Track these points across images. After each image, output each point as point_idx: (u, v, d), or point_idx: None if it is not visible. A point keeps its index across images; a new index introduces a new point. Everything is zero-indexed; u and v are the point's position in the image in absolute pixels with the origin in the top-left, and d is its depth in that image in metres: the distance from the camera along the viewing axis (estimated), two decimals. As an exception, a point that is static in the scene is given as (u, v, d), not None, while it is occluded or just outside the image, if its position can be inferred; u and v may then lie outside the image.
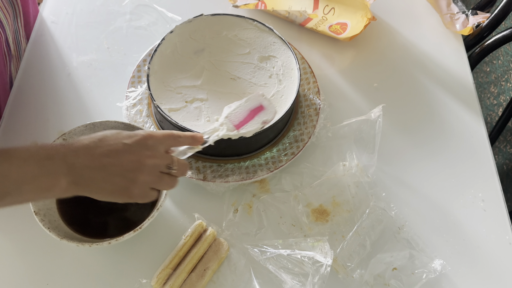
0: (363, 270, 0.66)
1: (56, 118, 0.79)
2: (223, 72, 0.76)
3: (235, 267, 0.66)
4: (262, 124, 0.67)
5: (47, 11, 0.93)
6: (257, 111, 0.68)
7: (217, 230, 0.68)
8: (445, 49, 0.92)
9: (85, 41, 0.89)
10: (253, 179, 0.71)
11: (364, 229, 0.68)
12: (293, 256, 0.64)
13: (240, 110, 0.67)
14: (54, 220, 0.62)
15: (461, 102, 0.85)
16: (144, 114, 0.76)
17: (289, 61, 0.78)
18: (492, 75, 1.26)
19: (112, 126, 0.69)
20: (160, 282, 0.62)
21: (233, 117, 0.66)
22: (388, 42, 0.93)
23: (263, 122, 0.67)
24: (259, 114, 0.68)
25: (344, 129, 0.78)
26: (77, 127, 0.68)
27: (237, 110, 0.67)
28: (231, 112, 0.66)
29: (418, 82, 0.88)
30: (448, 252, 0.69)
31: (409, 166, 0.77)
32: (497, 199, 0.74)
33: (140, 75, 0.80)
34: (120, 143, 0.50)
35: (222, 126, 0.65)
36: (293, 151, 0.74)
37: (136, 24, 0.92)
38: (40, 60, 0.86)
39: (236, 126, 0.65)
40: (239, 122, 0.66)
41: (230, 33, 0.80)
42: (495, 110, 1.25)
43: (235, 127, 0.65)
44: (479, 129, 0.82)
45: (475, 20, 0.91)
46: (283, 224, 0.70)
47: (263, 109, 0.69)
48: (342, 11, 0.87)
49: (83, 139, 0.50)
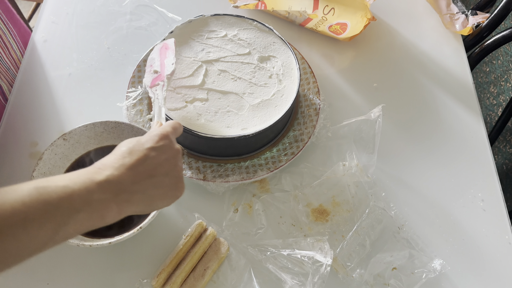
0: (363, 270, 0.66)
1: (56, 118, 0.79)
2: (223, 72, 0.76)
3: (235, 267, 0.66)
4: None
5: (47, 11, 0.93)
6: (165, 51, 0.70)
7: (217, 230, 0.68)
8: (445, 49, 0.92)
9: (85, 41, 0.89)
10: (253, 179, 0.71)
11: (364, 229, 0.68)
12: (293, 256, 0.64)
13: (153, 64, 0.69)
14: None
15: (460, 102, 0.85)
16: (144, 114, 0.76)
17: (289, 61, 0.78)
18: (491, 75, 1.26)
19: (112, 126, 0.69)
20: (160, 282, 0.62)
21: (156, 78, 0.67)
22: (388, 42, 0.93)
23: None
24: (167, 51, 0.70)
25: (344, 129, 0.78)
26: (78, 127, 0.68)
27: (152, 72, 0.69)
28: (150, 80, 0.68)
29: (418, 82, 0.88)
30: (448, 251, 0.69)
31: (408, 166, 0.77)
32: (497, 199, 0.74)
33: (140, 75, 0.80)
34: (146, 149, 0.50)
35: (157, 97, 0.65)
36: (293, 151, 0.74)
37: (136, 24, 0.92)
38: (40, 60, 0.86)
39: (159, 76, 0.67)
40: (160, 71, 0.68)
41: (230, 33, 0.80)
42: (495, 110, 1.25)
43: (161, 80, 0.66)
44: (478, 129, 0.82)
45: (475, 20, 0.91)
46: (283, 224, 0.70)
47: (168, 47, 0.71)
48: (342, 11, 0.87)
49: (107, 161, 0.48)
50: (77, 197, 0.43)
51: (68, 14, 0.93)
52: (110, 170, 0.46)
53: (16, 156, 0.75)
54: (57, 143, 0.66)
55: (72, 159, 0.68)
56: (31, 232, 0.39)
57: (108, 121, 0.69)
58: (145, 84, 0.69)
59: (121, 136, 0.69)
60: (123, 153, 0.49)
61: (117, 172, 0.47)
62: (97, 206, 0.44)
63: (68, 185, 0.43)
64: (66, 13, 0.93)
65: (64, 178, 0.44)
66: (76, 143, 0.68)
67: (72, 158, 0.68)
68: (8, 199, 0.39)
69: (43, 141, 0.76)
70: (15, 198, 0.39)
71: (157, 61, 0.70)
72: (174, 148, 0.53)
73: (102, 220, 0.46)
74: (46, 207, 0.40)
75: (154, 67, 0.70)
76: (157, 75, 0.68)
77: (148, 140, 0.51)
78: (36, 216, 0.40)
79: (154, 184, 0.49)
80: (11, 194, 0.39)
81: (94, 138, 0.69)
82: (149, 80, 0.68)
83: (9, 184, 0.67)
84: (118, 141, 0.69)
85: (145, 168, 0.49)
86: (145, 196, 0.49)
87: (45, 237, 0.41)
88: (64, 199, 0.42)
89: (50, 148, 0.66)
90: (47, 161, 0.65)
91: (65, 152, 0.67)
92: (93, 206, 0.44)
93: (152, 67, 0.70)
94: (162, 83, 0.66)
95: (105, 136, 0.69)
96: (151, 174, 0.49)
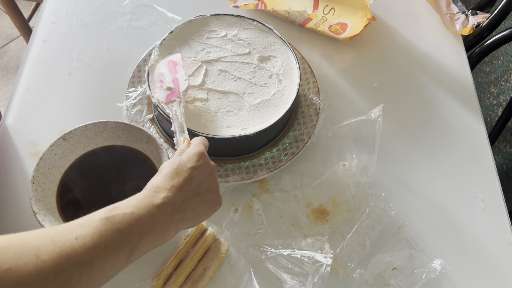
0: (363, 270, 0.66)
1: (56, 118, 0.79)
2: (223, 72, 0.76)
3: (235, 267, 0.66)
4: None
5: (47, 11, 0.93)
6: (174, 66, 0.71)
7: (217, 230, 0.68)
8: (445, 49, 0.92)
9: (85, 41, 0.89)
10: (253, 179, 0.71)
11: (364, 229, 0.68)
12: (293, 256, 0.64)
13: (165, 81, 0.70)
14: (54, 220, 0.62)
15: (461, 102, 0.85)
16: (144, 114, 0.76)
17: (289, 61, 0.78)
18: (492, 75, 1.26)
19: (112, 126, 0.69)
20: (160, 282, 0.62)
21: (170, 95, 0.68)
22: (388, 42, 0.93)
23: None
24: (176, 66, 0.71)
25: (344, 129, 0.78)
26: (78, 127, 0.68)
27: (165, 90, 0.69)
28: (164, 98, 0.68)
29: (418, 82, 0.88)
30: (448, 252, 0.69)
31: (409, 166, 0.77)
32: (497, 199, 0.74)
33: (140, 75, 0.80)
34: (189, 168, 0.53)
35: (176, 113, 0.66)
36: (293, 151, 0.74)
37: (136, 24, 0.92)
38: (40, 60, 0.86)
39: (174, 92, 0.68)
40: (174, 87, 0.69)
41: (230, 33, 0.80)
42: (495, 110, 1.25)
43: (177, 96, 0.67)
44: (479, 129, 0.82)
45: (475, 20, 0.91)
46: (283, 224, 0.70)
47: (176, 62, 0.71)
48: (342, 11, 0.87)
49: (158, 182, 0.52)
50: (143, 222, 0.47)
51: (68, 14, 0.92)
52: (165, 192, 0.50)
53: (16, 156, 0.75)
54: (57, 143, 0.66)
55: (72, 159, 0.68)
56: (110, 259, 0.43)
57: (108, 121, 0.69)
58: (158, 100, 0.68)
59: (121, 136, 0.69)
60: (170, 174, 0.52)
61: (170, 194, 0.51)
62: (160, 228, 0.48)
63: (134, 212, 0.46)
64: (66, 13, 0.93)
65: (128, 205, 0.47)
66: (76, 143, 0.68)
67: (72, 158, 0.68)
68: (88, 232, 0.42)
69: (43, 141, 0.76)
70: (93, 231, 0.42)
71: (167, 77, 0.70)
72: (211, 165, 0.57)
73: (163, 239, 0.50)
74: (120, 235, 0.44)
75: (166, 83, 0.69)
76: (171, 91, 0.68)
77: (189, 160, 0.54)
78: (113, 245, 0.43)
79: (200, 201, 0.54)
80: (88, 227, 0.42)
81: (94, 138, 0.69)
82: (163, 97, 0.68)
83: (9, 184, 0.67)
84: (118, 141, 0.69)
85: (191, 187, 0.53)
86: (194, 212, 0.53)
87: (121, 263, 0.44)
88: (133, 225, 0.46)
89: (50, 148, 0.66)
90: (47, 161, 0.65)
91: (65, 152, 0.67)
92: (156, 228, 0.48)
93: (162, 83, 0.70)
94: (179, 99, 0.67)
95: (105, 136, 0.69)
96: (197, 192, 0.53)
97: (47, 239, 0.40)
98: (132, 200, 0.48)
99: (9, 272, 0.36)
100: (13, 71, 1.93)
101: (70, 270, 0.39)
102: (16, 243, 0.38)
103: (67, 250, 0.39)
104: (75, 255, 0.40)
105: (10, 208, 0.70)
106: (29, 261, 0.37)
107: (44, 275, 0.37)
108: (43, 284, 0.37)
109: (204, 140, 0.59)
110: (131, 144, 0.69)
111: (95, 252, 0.41)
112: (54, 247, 0.39)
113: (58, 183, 0.66)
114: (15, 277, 0.36)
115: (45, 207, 0.62)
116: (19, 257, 0.37)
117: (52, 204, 0.64)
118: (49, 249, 0.39)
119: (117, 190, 0.66)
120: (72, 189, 0.66)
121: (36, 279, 0.37)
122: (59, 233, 0.41)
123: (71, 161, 0.68)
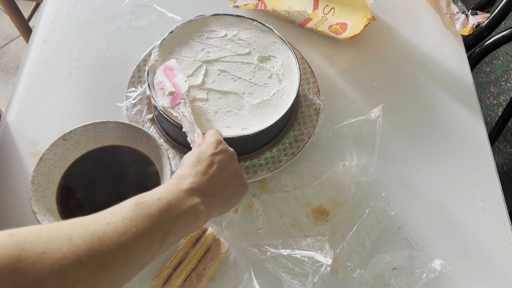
0: (363, 270, 0.66)
1: (56, 118, 0.79)
2: (223, 72, 0.76)
3: (235, 267, 0.66)
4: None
5: (47, 11, 0.93)
6: (170, 72, 0.72)
7: (217, 230, 0.68)
8: (445, 49, 0.92)
9: (85, 41, 0.89)
10: (253, 179, 0.71)
11: (364, 229, 0.68)
12: (293, 256, 0.64)
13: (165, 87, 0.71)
14: (54, 220, 0.62)
15: (461, 102, 0.85)
16: (144, 114, 0.76)
17: (289, 61, 0.78)
18: (492, 75, 1.26)
19: (112, 127, 0.69)
20: (160, 282, 0.62)
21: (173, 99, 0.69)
22: (388, 42, 0.93)
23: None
24: (174, 71, 0.72)
25: (344, 129, 0.78)
26: (78, 127, 0.68)
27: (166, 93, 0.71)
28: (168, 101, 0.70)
29: (418, 82, 0.88)
30: (448, 252, 0.69)
31: (409, 166, 0.77)
32: (497, 199, 0.74)
33: (140, 75, 0.80)
34: (210, 155, 0.55)
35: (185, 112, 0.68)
36: (293, 151, 0.74)
37: (136, 24, 0.92)
38: (40, 60, 0.86)
39: (178, 95, 0.69)
40: (176, 89, 0.70)
41: (230, 33, 0.80)
42: (495, 110, 1.25)
43: (181, 97, 0.69)
44: (479, 129, 0.82)
45: (475, 20, 0.91)
46: (283, 224, 0.70)
47: (172, 67, 0.73)
48: (342, 11, 0.87)
49: (183, 172, 0.53)
50: (173, 206, 0.47)
51: (68, 14, 0.92)
52: (191, 179, 0.52)
53: (16, 156, 0.75)
54: (57, 143, 0.66)
55: (72, 159, 0.68)
56: (144, 243, 0.43)
57: (108, 121, 0.69)
58: (164, 107, 0.69)
59: (121, 136, 0.69)
60: (193, 163, 0.54)
61: (196, 179, 0.52)
62: (191, 212, 0.49)
63: (162, 197, 0.47)
64: (66, 13, 0.93)
65: (156, 192, 0.48)
66: (76, 143, 0.68)
67: (72, 158, 0.68)
68: (119, 218, 0.42)
69: (43, 141, 0.76)
70: (124, 216, 0.43)
71: (167, 83, 0.71)
72: (230, 150, 0.58)
73: (196, 224, 0.50)
74: (151, 219, 0.44)
75: (167, 89, 0.70)
76: (174, 96, 0.70)
77: (208, 148, 0.56)
78: (145, 229, 0.43)
79: (226, 185, 0.55)
80: (118, 214, 0.43)
81: (94, 138, 0.69)
82: (167, 103, 0.70)
83: (9, 184, 0.67)
84: (118, 141, 0.69)
85: (215, 172, 0.54)
86: (222, 196, 0.54)
87: (155, 247, 0.44)
88: (163, 209, 0.46)
89: (50, 148, 0.66)
90: (47, 161, 0.65)
91: (65, 152, 0.67)
92: (187, 212, 0.49)
93: (164, 90, 0.71)
94: (183, 101, 0.68)
95: (105, 136, 0.69)
96: (221, 176, 0.55)
97: (78, 226, 0.40)
98: (160, 188, 0.49)
99: (43, 255, 0.36)
100: (13, 71, 1.93)
101: (103, 254, 0.39)
102: (47, 229, 0.38)
103: (99, 234, 0.40)
104: (108, 239, 0.40)
105: (10, 208, 0.70)
106: (62, 245, 0.37)
107: (77, 258, 0.37)
108: (78, 268, 0.37)
109: (218, 131, 0.61)
110: (131, 144, 0.69)
111: (127, 236, 0.41)
112: (86, 232, 0.39)
113: (58, 183, 0.66)
114: (49, 261, 0.36)
115: (45, 207, 0.62)
116: (53, 241, 0.37)
117: (52, 204, 0.64)
118: (81, 233, 0.39)
119: (117, 190, 0.66)
120: (72, 189, 0.66)
121: (70, 263, 0.37)
122: (89, 220, 0.41)
123: (71, 161, 0.68)
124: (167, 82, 0.71)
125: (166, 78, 0.72)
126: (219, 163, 0.55)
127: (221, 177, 0.55)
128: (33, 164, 0.67)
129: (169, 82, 0.71)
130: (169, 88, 0.70)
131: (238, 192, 0.57)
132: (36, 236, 0.37)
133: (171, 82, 0.71)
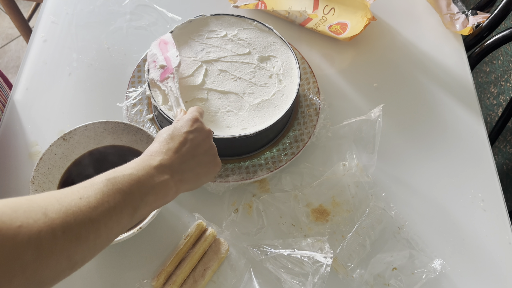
0: (363, 270, 0.66)
1: (56, 118, 0.79)
2: (223, 72, 0.76)
3: (235, 267, 0.66)
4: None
5: (47, 11, 0.93)
6: (165, 45, 0.73)
7: (217, 230, 0.68)
8: (445, 49, 0.92)
9: (85, 41, 0.89)
10: (253, 179, 0.71)
11: (364, 229, 0.68)
12: (293, 256, 0.64)
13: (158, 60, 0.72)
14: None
15: (461, 102, 0.85)
16: (144, 114, 0.76)
17: (289, 61, 0.78)
18: (492, 75, 1.26)
19: (112, 127, 0.69)
20: (160, 282, 0.62)
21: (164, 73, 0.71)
22: (388, 42, 0.93)
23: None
24: (167, 46, 0.73)
25: (344, 129, 0.78)
26: (78, 127, 0.68)
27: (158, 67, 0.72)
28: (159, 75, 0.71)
29: (418, 82, 0.88)
30: (448, 252, 0.69)
31: (409, 166, 0.77)
32: (497, 199, 0.74)
33: (140, 75, 0.80)
34: (184, 132, 0.56)
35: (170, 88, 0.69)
36: (293, 151, 0.74)
37: (136, 24, 0.92)
38: (40, 60, 0.86)
39: (168, 69, 0.70)
40: (167, 63, 0.71)
41: (230, 33, 0.80)
42: (495, 110, 1.25)
43: (170, 71, 0.70)
44: (479, 129, 0.82)
45: (475, 20, 0.91)
46: (283, 224, 0.70)
47: (166, 41, 0.74)
48: (342, 11, 0.87)
49: (154, 148, 0.54)
50: (143, 182, 0.48)
51: (68, 14, 0.92)
52: (161, 155, 0.52)
53: (16, 156, 0.75)
54: (57, 143, 0.66)
55: (72, 159, 0.68)
56: (115, 218, 0.44)
57: (108, 121, 0.69)
58: (153, 79, 0.71)
59: (121, 136, 0.69)
60: (166, 140, 0.55)
61: (167, 156, 0.53)
62: (160, 188, 0.50)
63: (133, 173, 0.48)
64: (66, 13, 0.93)
65: (127, 168, 0.49)
66: (76, 143, 0.68)
67: (72, 158, 0.68)
68: (92, 193, 0.43)
69: (43, 141, 0.76)
70: (96, 191, 0.44)
71: (159, 56, 0.73)
72: (206, 129, 0.59)
73: (165, 199, 0.51)
74: (122, 195, 0.45)
75: (159, 62, 0.72)
76: (164, 69, 0.71)
77: (183, 125, 0.57)
78: (116, 204, 0.44)
79: (198, 163, 0.56)
80: (90, 188, 0.44)
81: (94, 138, 0.69)
82: (157, 75, 0.71)
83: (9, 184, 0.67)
84: (118, 141, 0.69)
85: (187, 150, 0.55)
86: (193, 174, 0.55)
87: (125, 221, 0.46)
88: (133, 185, 0.47)
89: (50, 148, 0.66)
90: (47, 161, 0.65)
91: (65, 152, 0.67)
92: (156, 188, 0.49)
93: (156, 62, 0.72)
94: (172, 75, 0.70)
95: (105, 136, 0.69)
96: (194, 154, 0.55)
97: (53, 200, 0.41)
98: (131, 163, 0.50)
99: (20, 228, 0.37)
100: (13, 71, 1.93)
101: (76, 228, 0.40)
102: (24, 203, 0.39)
103: (73, 209, 0.41)
104: (81, 214, 0.41)
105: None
106: (38, 218, 0.38)
107: (52, 231, 0.38)
108: (53, 240, 0.38)
109: (199, 108, 0.62)
110: (131, 144, 0.69)
111: (99, 211, 0.42)
112: (60, 207, 0.40)
113: (58, 183, 0.66)
114: (26, 233, 0.37)
115: (45, 207, 0.62)
116: (29, 215, 0.38)
117: (52, 204, 0.64)
118: (56, 208, 0.40)
119: (117, 190, 0.66)
120: (72, 189, 0.66)
121: (45, 236, 0.38)
122: (63, 194, 0.42)
123: (71, 161, 0.68)
124: (160, 55, 0.73)
125: (160, 51, 0.73)
126: (192, 141, 0.56)
127: (193, 155, 0.55)
128: (33, 164, 0.67)
129: (161, 56, 0.73)
130: (160, 62, 0.72)
131: (209, 171, 0.57)
132: (13, 210, 0.38)
133: (163, 55, 0.72)
